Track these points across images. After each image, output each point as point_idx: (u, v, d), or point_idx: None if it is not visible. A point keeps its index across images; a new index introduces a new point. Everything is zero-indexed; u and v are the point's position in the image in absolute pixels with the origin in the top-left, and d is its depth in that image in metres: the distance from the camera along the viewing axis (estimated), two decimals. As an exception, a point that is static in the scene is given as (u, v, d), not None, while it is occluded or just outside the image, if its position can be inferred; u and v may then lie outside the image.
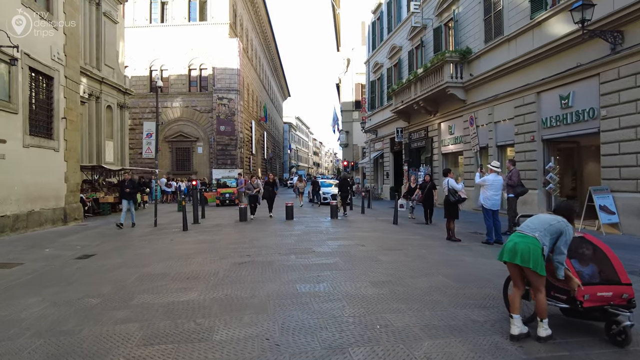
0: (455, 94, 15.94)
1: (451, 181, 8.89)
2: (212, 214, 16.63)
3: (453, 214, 8.88)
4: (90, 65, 22.99)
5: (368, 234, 9.80)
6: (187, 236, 10.03)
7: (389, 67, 24.52)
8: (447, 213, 8.93)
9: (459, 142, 16.95)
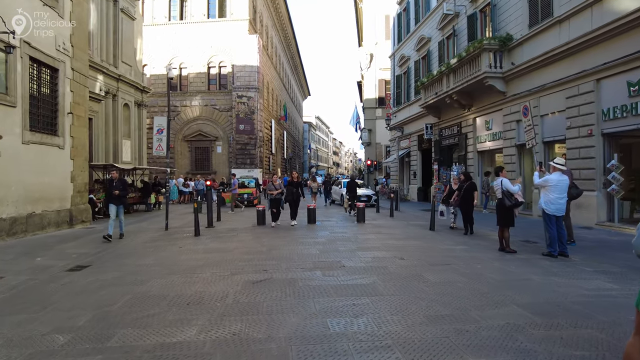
0: (494, 85, 14.41)
1: (506, 182, 7.48)
2: (228, 216, 15.58)
3: (508, 221, 7.47)
4: (107, 62, 22.39)
5: (404, 243, 8.47)
6: (197, 243, 8.93)
7: (417, 60, 23.04)
8: (500, 219, 7.53)
9: (498, 139, 15.39)
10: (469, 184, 10.34)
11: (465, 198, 10.06)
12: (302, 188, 12.86)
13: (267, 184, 12.43)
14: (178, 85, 35.48)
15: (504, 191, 7.36)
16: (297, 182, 12.17)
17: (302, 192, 12.65)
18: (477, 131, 17.05)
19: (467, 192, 10.08)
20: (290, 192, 11.85)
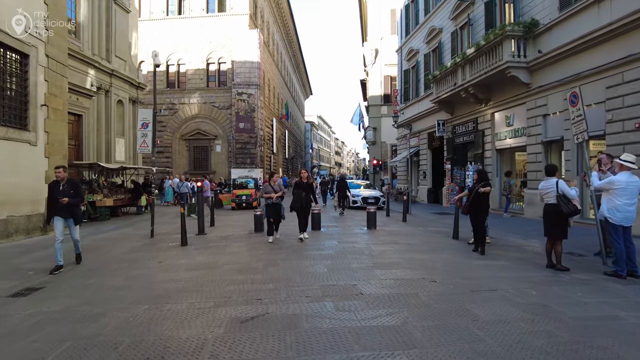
0: (517, 76, 13.00)
1: (562, 184, 6.04)
2: (224, 220, 14.22)
3: (561, 232, 6.07)
4: (99, 56, 21.13)
5: (429, 257, 7.06)
6: (182, 255, 7.55)
7: (427, 53, 21.64)
8: (550, 230, 6.12)
9: (520, 135, 13.98)
10: (480, 185, 7.59)
11: (476, 204, 7.48)
12: (314, 192, 9.71)
13: (264, 185, 9.45)
14: (176, 82, 34.23)
15: (559, 195, 5.94)
16: (307, 184, 9.20)
17: (314, 197, 9.61)
18: (495, 127, 15.64)
19: (479, 197, 7.43)
20: (298, 196, 8.97)
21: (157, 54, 10.37)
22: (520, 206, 14.59)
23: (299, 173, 9.37)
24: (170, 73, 34.45)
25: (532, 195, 13.04)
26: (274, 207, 9.03)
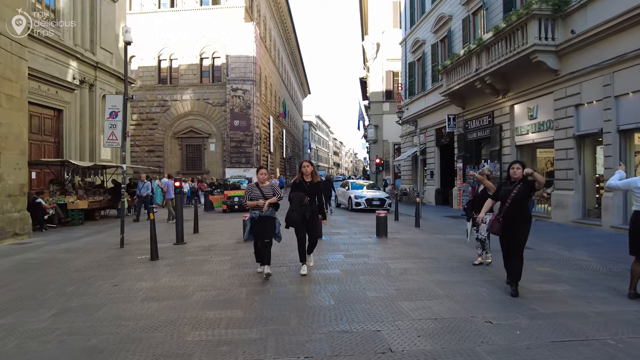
0: (544, 61, 11.42)
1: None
2: (212, 224, 12.59)
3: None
4: (82, 47, 19.54)
5: (465, 279, 5.39)
6: (147, 275, 5.93)
7: (434, 43, 20.07)
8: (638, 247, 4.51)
9: (546, 129, 12.40)
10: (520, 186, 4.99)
11: (515, 213, 4.83)
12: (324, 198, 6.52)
13: (248, 186, 5.98)
14: (168, 78, 32.64)
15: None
16: (312, 185, 5.88)
17: (323, 205, 6.19)
18: (515, 121, 14.06)
19: (520, 200, 4.88)
20: (298, 204, 5.66)
21: (127, 30, 8.74)
22: (544, 208, 13.03)
23: (300, 166, 5.92)
24: (162, 68, 32.86)
25: (562, 196, 11.48)
26: (262, 222, 5.58)
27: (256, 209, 5.60)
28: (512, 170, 4.91)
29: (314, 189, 5.85)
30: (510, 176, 4.93)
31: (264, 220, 5.60)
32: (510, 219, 4.79)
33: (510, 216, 4.79)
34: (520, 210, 4.81)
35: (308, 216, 5.70)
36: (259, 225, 5.61)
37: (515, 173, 4.87)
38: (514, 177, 4.88)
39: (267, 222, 5.61)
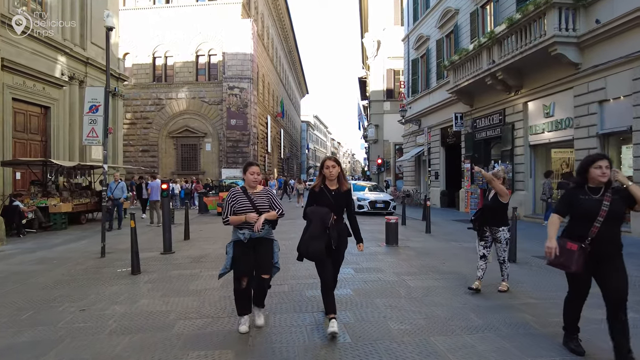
0: (564, 54, 10.59)
1: None
2: (205, 229, 11.70)
3: None
4: (72, 42, 18.64)
5: (509, 302, 4.58)
6: (123, 295, 5.02)
7: (439, 39, 19.24)
8: None
9: (564, 127, 11.56)
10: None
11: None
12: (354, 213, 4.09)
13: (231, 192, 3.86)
14: (163, 76, 31.72)
15: None
16: (340, 194, 3.86)
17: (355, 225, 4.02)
18: (529, 119, 13.22)
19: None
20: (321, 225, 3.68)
21: (109, 14, 7.87)
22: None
23: (321, 167, 3.88)
24: (157, 66, 31.95)
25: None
26: (254, 249, 3.74)
27: (244, 227, 3.64)
28: (597, 171, 3.08)
29: (342, 201, 3.82)
30: (592, 178, 3.13)
31: (257, 244, 3.68)
32: (602, 248, 3.10)
33: (602, 242, 3.08)
34: (614, 235, 3.13)
35: (335, 245, 3.68)
36: (248, 254, 3.65)
37: (603, 175, 3.08)
38: (598, 181, 3.10)
39: (262, 248, 3.70)
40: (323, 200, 3.77)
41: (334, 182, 3.84)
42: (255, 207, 3.69)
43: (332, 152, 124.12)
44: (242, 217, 3.63)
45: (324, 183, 3.84)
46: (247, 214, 3.63)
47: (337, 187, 3.84)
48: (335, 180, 3.84)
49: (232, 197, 3.75)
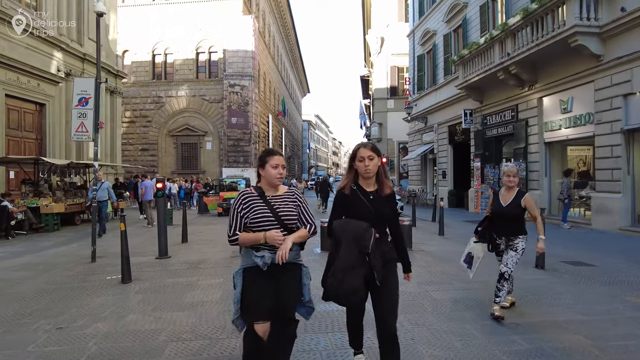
0: (585, 45, 9.97)
1: None
2: (205, 231, 11.12)
3: None
4: (69, 37, 18.15)
5: (564, 318, 3.98)
6: (110, 308, 4.43)
7: (446, 34, 18.63)
8: None
9: (584, 124, 10.94)
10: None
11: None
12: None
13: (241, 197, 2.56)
14: (163, 73, 31.14)
15: None
16: (382, 199, 2.66)
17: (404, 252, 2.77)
18: (544, 116, 12.60)
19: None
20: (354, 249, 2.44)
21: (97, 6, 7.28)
22: (579, 213, 11.60)
23: (353, 156, 2.66)
24: (156, 63, 31.36)
25: (605, 200, 10.02)
26: (276, 280, 2.48)
27: (263, 247, 2.41)
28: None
29: (385, 210, 2.62)
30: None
31: (279, 272, 2.44)
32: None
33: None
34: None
35: (379, 279, 2.47)
36: (266, 287, 2.43)
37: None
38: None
39: (287, 278, 2.49)
40: (357, 209, 2.53)
41: (372, 181, 2.62)
42: (280, 220, 2.43)
43: (333, 152, 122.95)
44: (260, 236, 2.35)
45: (357, 182, 2.62)
46: (268, 231, 2.37)
47: (377, 189, 2.61)
48: (374, 179, 2.62)
49: (244, 204, 2.45)
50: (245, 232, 2.43)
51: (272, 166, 2.48)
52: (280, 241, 2.35)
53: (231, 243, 2.45)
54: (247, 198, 2.47)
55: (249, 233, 2.41)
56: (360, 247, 2.39)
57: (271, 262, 2.36)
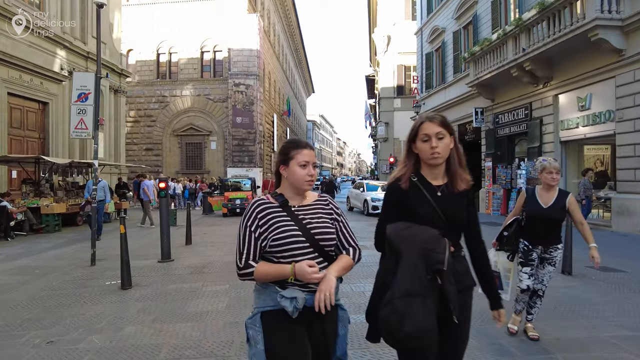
0: (606, 39, 9.54)
1: None
2: (209, 232, 10.78)
3: None
4: (72, 35, 17.91)
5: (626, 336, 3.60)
6: (107, 319, 4.09)
7: (456, 31, 18.22)
8: None
9: (603, 121, 10.49)
10: None
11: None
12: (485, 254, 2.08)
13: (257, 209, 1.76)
14: (167, 73, 30.93)
15: None
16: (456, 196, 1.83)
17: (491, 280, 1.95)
18: (560, 113, 12.16)
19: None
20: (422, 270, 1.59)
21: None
22: (598, 214, 11.17)
23: (414, 134, 1.84)
24: (161, 63, 31.14)
25: (627, 201, 9.59)
26: (303, 325, 1.68)
27: (291, 284, 1.66)
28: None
29: (459, 212, 1.84)
30: None
31: (314, 320, 1.69)
32: None
33: None
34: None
35: (456, 313, 1.65)
36: (299, 341, 1.67)
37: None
38: None
39: (322, 329, 1.72)
40: (418, 211, 1.77)
41: (440, 170, 1.83)
42: (314, 241, 1.71)
43: (337, 152, 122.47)
44: (286, 270, 1.64)
45: (419, 172, 1.85)
46: (298, 261, 1.64)
47: (446, 182, 1.84)
48: (443, 168, 1.83)
49: (260, 218, 1.72)
50: (263, 262, 1.68)
51: (300, 164, 1.74)
52: (318, 277, 1.59)
53: (242, 278, 1.68)
54: (264, 210, 1.72)
55: (268, 263, 1.67)
56: (429, 265, 1.60)
57: (300, 309, 1.61)
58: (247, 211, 1.75)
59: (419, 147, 1.80)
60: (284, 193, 1.79)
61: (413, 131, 1.84)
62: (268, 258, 1.70)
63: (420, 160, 1.83)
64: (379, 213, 1.96)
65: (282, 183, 1.81)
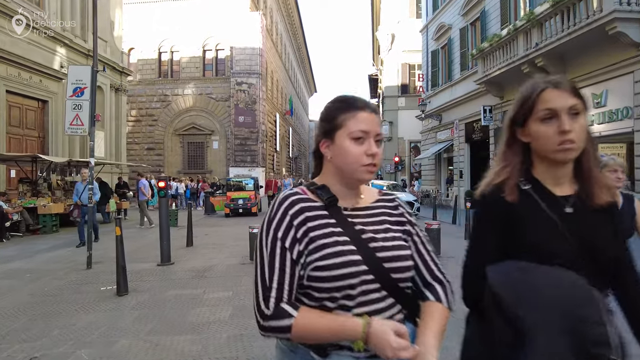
0: (625, 32, 9.14)
1: None
2: (211, 233, 10.42)
3: None
4: (72, 33, 17.58)
5: None
6: (99, 330, 3.73)
7: (463, 27, 17.83)
8: None
9: (621, 119, 10.08)
10: None
11: None
12: None
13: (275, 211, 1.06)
14: (169, 72, 30.67)
15: None
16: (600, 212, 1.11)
17: None
18: (573, 111, 11.77)
19: None
20: None
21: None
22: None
23: (531, 104, 1.11)
24: (162, 61, 30.92)
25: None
26: None
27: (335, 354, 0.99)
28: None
29: (600, 242, 1.07)
30: None
31: None
32: None
33: None
34: None
35: None
36: None
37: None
38: None
39: None
40: (540, 238, 1.07)
41: (567, 171, 1.13)
42: (382, 272, 1.02)
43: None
44: (354, 328, 0.93)
45: (530, 175, 1.17)
46: (371, 315, 0.97)
47: (578, 191, 1.13)
48: (571, 167, 1.13)
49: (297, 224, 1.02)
50: (308, 313, 0.97)
51: (354, 136, 1.04)
52: (408, 356, 0.90)
53: (268, 333, 0.97)
54: (302, 212, 1.04)
55: (319, 312, 0.98)
56: (583, 348, 0.89)
57: None
58: (274, 211, 1.04)
59: (537, 130, 1.10)
60: (328, 185, 1.09)
61: (525, 105, 1.15)
62: (298, 298, 1.02)
63: (531, 154, 1.16)
64: (467, 246, 1.21)
65: (325, 169, 1.13)
